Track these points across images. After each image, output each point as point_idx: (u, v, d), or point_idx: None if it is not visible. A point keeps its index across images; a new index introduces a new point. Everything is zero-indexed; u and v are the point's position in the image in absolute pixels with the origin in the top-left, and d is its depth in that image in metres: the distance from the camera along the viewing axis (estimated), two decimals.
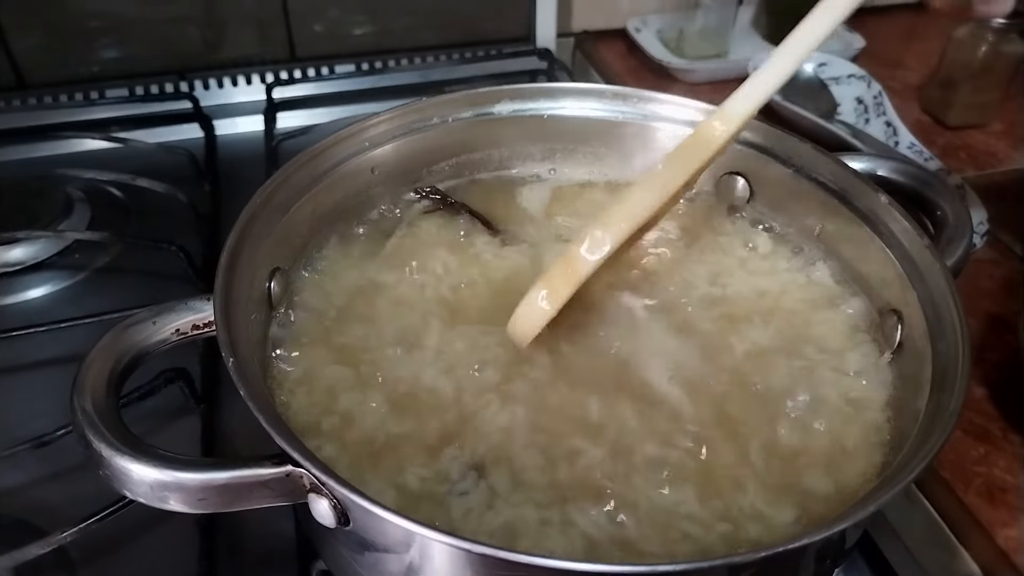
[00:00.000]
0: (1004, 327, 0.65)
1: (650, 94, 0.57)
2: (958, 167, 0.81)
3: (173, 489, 0.35)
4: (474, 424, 0.45)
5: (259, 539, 0.54)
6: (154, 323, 0.41)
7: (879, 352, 0.49)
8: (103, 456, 0.35)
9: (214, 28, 0.95)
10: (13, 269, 0.73)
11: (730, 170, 0.58)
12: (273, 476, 0.35)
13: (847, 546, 0.41)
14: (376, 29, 1.00)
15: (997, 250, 0.74)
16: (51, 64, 0.91)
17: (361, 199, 0.56)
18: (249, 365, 0.40)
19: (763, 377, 0.48)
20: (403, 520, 0.32)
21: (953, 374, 0.37)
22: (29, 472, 0.56)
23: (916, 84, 0.98)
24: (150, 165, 0.80)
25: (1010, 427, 0.57)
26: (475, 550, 0.32)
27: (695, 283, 0.55)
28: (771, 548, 0.30)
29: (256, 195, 0.47)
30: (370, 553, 0.38)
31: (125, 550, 0.53)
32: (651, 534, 0.39)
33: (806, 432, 0.44)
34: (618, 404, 0.45)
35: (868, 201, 0.49)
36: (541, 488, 0.41)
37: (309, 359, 0.48)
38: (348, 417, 0.45)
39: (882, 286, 0.49)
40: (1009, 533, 0.51)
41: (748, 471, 0.43)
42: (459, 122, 0.58)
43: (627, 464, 0.43)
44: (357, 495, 0.33)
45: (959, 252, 0.47)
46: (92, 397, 0.37)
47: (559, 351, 0.49)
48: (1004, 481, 0.54)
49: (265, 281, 0.48)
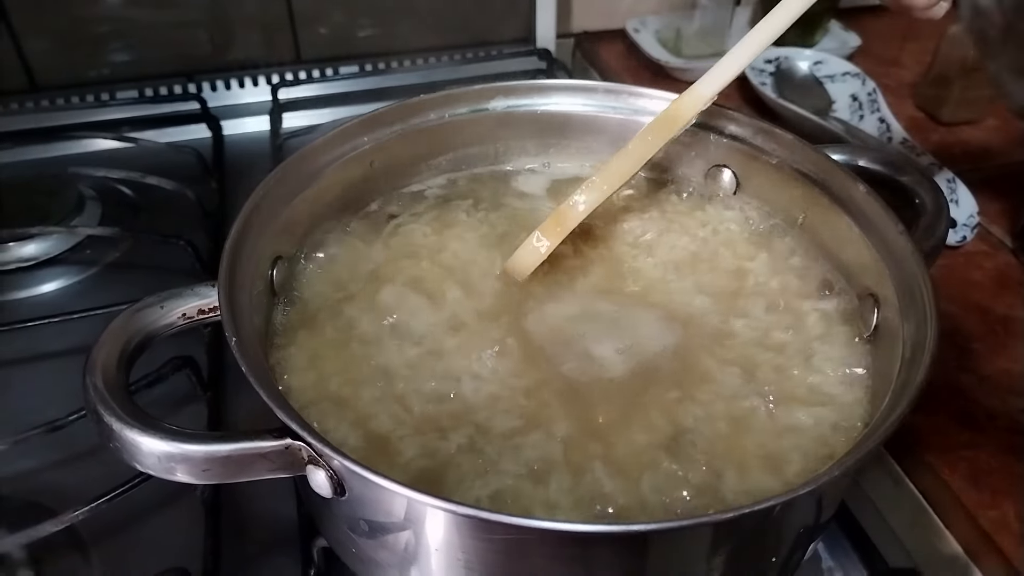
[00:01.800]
0: (992, 318, 0.67)
1: (638, 89, 0.59)
2: (951, 162, 0.82)
3: (179, 460, 0.37)
4: (470, 403, 0.46)
5: (262, 518, 0.56)
6: (162, 307, 0.43)
7: (857, 334, 0.50)
8: (114, 430, 0.37)
9: (221, 31, 0.97)
10: (27, 264, 0.75)
11: (717, 163, 0.60)
12: (273, 448, 0.37)
13: (823, 518, 0.42)
14: (379, 31, 1.02)
15: (988, 243, 0.75)
16: (63, 67, 0.93)
17: (361, 191, 0.58)
18: (251, 344, 0.41)
19: (744, 357, 0.49)
20: (397, 485, 0.33)
21: (922, 351, 0.39)
22: (42, 457, 0.58)
23: (910, 81, 0.99)
24: (159, 164, 0.83)
25: (995, 413, 0.58)
26: (470, 514, 0.33)
27: (681, 268, 0.56)
28: (740, 508, 0.31)
29: (260, 186, 0.49)
30: (366, 522, 0.39)
31: (134, 529, 0.54)
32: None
33: (788, 411, 0.46)
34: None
35: (848, 190, 0.51)
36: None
37: (310, 345, 0.50)
38: (344, 402, 0.47)
39: (861, 271, 0.50)
40: (992, 515, 0.52)
41: (733, 449, 0.44)
42: (455, 118, 0.60)
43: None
44: (352, 463, 0.34)
45: (936, 236, 0.48)
46: (103, 375, 0.39)
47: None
48: (988, 465, 0.55)
49: (268, 269, 0.50)
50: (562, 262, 0.56)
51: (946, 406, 0.58)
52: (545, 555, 0.37)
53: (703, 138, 0.59)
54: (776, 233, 0.58)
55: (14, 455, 0.56)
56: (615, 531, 0.34)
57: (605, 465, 0.43)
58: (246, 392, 0.62)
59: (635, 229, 0.59)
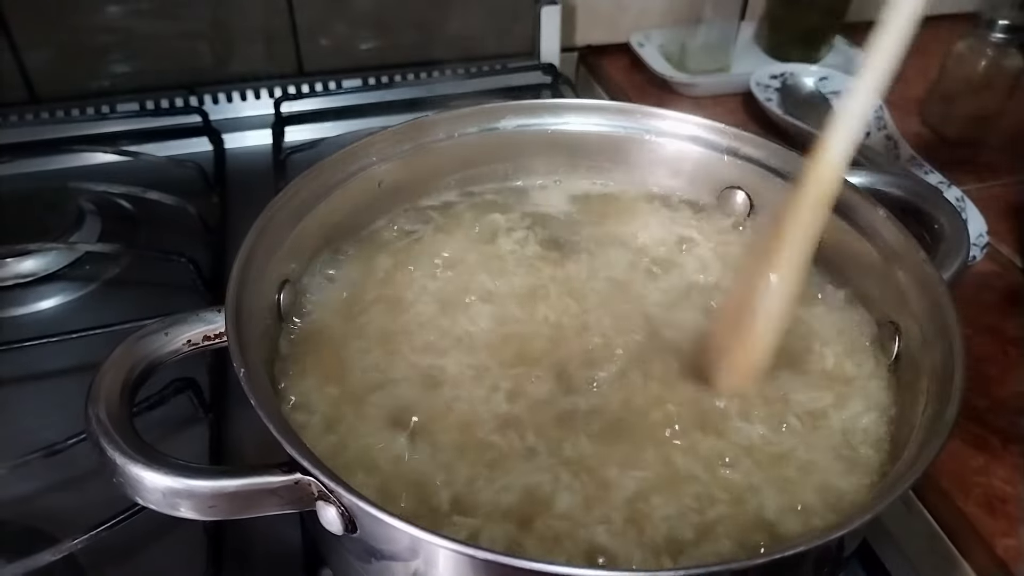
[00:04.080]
0: (1004, 339, 0.66)
1: (652, 110, 0.58)
2: (958, 180, 0.81)
3: (184, 496, 0.36)
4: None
5: (266, 546, 0.54)
6: (166, 334, 0.42)
7: (877, 363, 0.49)
8: (117, 464, 0.36)
9: (223, 43, 0.96)
10: (25, 280, 0.74)
11: (730, 184, 0.59)
12: (282, 484, 0.36)
13: (845, 554, 0.41)
14: (382, 44, 1.01)
15: (997, 262, 0.75)
16: (63, 79, 0.92)
17: (368, 212, 0.57)
18: (259, 375, 0.41)
19: (760, 385, 0.48)
20: (410, 527, 0.33)
21: (949, 384, 0.38)
22: (40, 481, 0.57)
23: (917, 98, 0.99)
24: (160, 178, 0.82)
25: (1009, 438, 0.57)
26: (482, 556, 0.32)
27: (695, 289, 0.56)
28: (768, 554, 0.30)
29: (266, 209, 0.48)
30: (377, 560, 0.39)
31: (134, 557, 0.53)
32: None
33: (806, 442, 0.45)
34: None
35: (867, 215, 0.50)
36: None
37: (316, 372, 0.49)
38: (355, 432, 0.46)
39: (881, 299, 0.49)
40: (1008, 543, 0.51)
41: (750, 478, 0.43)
42: (465, 137, 0.59)
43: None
44: (364, 502, 0.33)
45: (956, 264, 0.47)
46: (106, 406, 0.38)
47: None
48: (1004, 491, 0.54)
49: (275, 293, 0.49)
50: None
51: (960, 430, 0.57)
52: None
53: (716, 159, 0.58)
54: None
55: (12, 479, 0.55)
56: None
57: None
58: (249, 414, 0.61)
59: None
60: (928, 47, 1.06)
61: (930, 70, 0.96)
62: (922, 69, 1.03)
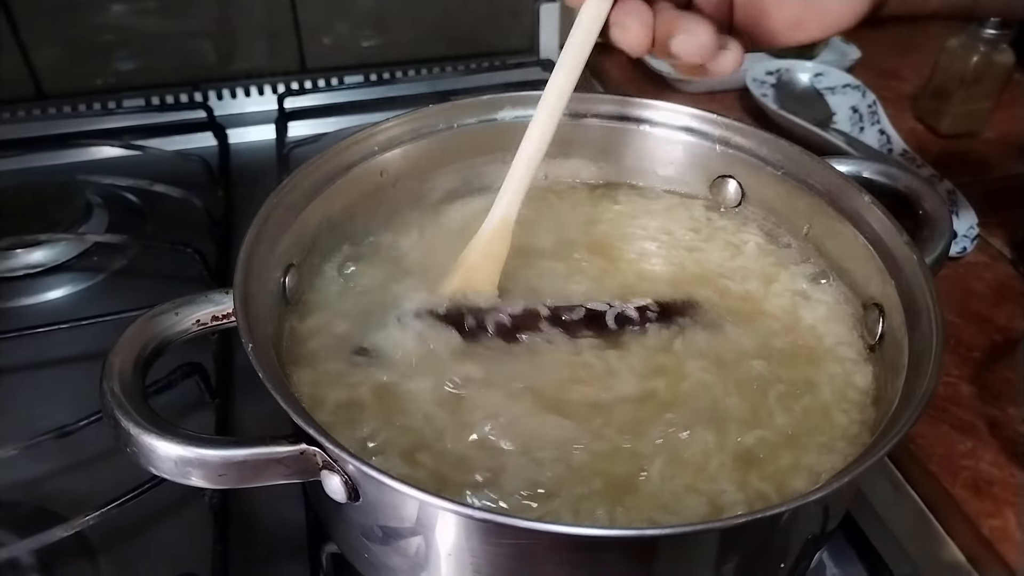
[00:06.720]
0: (992, 328, 0.67)
1: (644, 101, 0.60)
2: (951, 174, 0.83)
3: (196, 465, 0.37)
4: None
5: (271, 524, 0.56)
6: (177, 314, 0.44)
7: (862, 343, 0.51)
8: (131, 434, 0.37)
9: (227, 41, 0.98)
10: (35, 271, 0.75)
11: (722, 173, 0.60)
12: (288, 454, 0.37)
13: (829, 527, 0.43)
14: (383, 41, 1.03)
15: (987, 254, 0.76)
16: (70, 75, 0.94)
17: (371, 200, 0.59)
18: (266, 350, 0.42)
19: (749, 365, 0.50)
20: (412, 489, 0.34)
21: (927, 360, 0.39)
22: (51, 462, 0.58)
23: (910, 94, 1.00)
24: (166, 172, 0.83)
25: (996, 423, 0.59)
26: (481, 517, 0.33)
27: (688, 278, 0.57)
28: (747, 515, 0.32)
29: (272, 195, 0.49)
30: (380, 527, 0.40)
31: (143, 535, 0.55)
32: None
33: (792, 417, 0.46)
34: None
35: (852, 201, 0.51)
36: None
37: (322, 352, 0.50)
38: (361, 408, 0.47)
39: (866, 281, 0.51)
40: (993, 523, 0.52)
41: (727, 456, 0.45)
42: (464, 128, 0.60)
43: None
44: (367, 467, 0.34)
45: (940, 247, 0.49)
46: (120, 380, 0.39)
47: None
48: (990, 474, 0.55)
49: (280, 277, 0.50)
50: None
51: (948, 416, 0.59)
52: (554, 560, 0.38)
53: (708, 148, 0.60)
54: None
55: (23, 461, 0.56)
56: (624, 535, 0.35)
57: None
58: (254, 399, 0.63)
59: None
60: (921, 43, 1.09)
61: (923, 66, 0.98)
62: (915, 64, 1.05)
